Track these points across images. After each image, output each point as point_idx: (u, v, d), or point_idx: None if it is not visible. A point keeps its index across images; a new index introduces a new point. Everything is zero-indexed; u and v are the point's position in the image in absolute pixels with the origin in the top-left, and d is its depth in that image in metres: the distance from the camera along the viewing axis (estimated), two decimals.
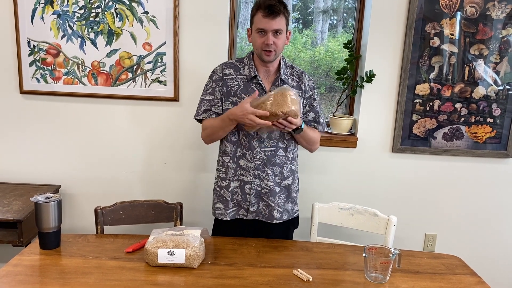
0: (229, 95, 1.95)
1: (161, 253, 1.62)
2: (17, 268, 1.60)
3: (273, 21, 1.82)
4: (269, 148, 1.96)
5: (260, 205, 2.01)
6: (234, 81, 1.96)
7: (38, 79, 2.51)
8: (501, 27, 2.45)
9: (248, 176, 1.97)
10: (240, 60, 2.02)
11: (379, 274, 1.61)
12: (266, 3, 1.81)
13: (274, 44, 1.85)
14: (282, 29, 1.85)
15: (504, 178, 2.66)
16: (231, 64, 2.01)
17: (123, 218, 2.13)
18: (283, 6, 1.84)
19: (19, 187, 2.57)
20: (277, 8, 1.81)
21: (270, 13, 1.81)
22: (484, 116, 2.56)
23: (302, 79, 2.01)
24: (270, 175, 1.97)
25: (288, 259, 1.74)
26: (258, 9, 1.84)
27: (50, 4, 2.42)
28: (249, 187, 1.98)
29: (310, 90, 2.03)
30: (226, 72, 1.97)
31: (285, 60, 2.01)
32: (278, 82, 1.95)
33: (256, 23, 1.86)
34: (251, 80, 1.95)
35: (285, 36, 1.90)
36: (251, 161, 1.96)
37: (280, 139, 1.97)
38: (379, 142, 2.61)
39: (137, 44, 2.47)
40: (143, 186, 2.66)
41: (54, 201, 1.73)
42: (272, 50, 1.86)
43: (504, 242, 2.75)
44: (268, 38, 1.83)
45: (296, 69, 2.03)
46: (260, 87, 1.94)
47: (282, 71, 1.96)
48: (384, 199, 2.66)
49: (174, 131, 2.59)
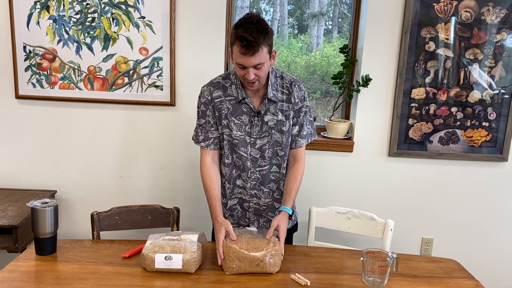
0: (221, 119, 1.87)
1: (158, 258, 1.61)
2: (13, 274, 1.58)
3: (252, 57, 1.64)
4: (263, 168, 1.91)
5: (261, 222, 1.99)
6: (223, 104, 1.86)
7: (34, 84, 2.50)
8: (496, 31, 2.47)
9: (245, 195, 1.94)
10: (227, 77, 1.88)
11: (377, 278, 1.61)
12: (242, 37, 1.61)
13: (256, 75, 1.70)
14: (264, 61, 1.68)
15: (499, 182, 2.67)
16: (218, 84, 1.88)
17: (120, 223, 2.11)
18: (262, 36, 1.63)
19: (15, 192, 2.55)
20: (255, 44, 1.62)
21: (248, 50, 1.62)
22: (480, 120, 2.57)
23: (292, 91, 1.86)
24: (267, 192, 1.95)
25: (285, 263, 1.74)
26: (236, 40, 1.64)
27: (46, 9, 2.42)
28: (247, 205, 1.96)
29: (300, 101, 1.88)
30: (215, 94, 1.86)
31: (274, 71, 1.87)
32: (265, 100, 1.84)
33: (235, 56, 1.68)
34: (240, 102, 1.85)
35: (269, 63, 1.73)
36: (246, 182, 1.92)
37: (273, 156, 1.91)
38: (376, 146, 2.61)
39: (133, 49, 2.47)
40: (139, 191, 2.65)
41: (51, 206, 1.72)
42: (254, 82, 1.73)
43: (501, 245, 2.76)
44: (249, 74, 1.69)
45: (286, 80, 1.88)
46: (249, 108, 1.85)
47: (270, 88, 1.83)
48: (381, 203, 2.67)
49: (171, 135, 2.58)
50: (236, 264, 1.63)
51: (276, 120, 1.86)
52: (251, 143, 1.87)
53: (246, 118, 1.85)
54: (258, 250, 1.64)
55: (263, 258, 1.63)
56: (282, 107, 1.86)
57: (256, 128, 1.86)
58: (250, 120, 1.85)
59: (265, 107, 1.84)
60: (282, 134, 1.87)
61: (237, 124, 1.85)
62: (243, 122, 1.86)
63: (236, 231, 1.73)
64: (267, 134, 1.87)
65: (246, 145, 1.87)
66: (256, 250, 1.64)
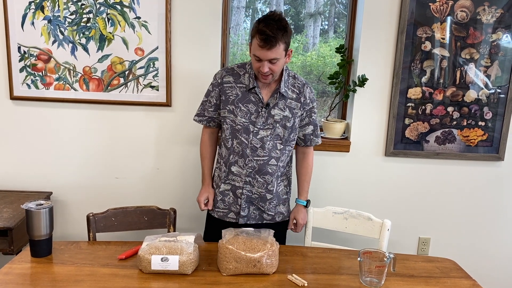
0: (227, 103, 1.97)
1: (154, 259, 1.60)
2: (8, 276, 1.57)
3: (268, 51, 1.76)
4: (261, 158, 1.97)
5: (251, 209, 2.04)
6: (232, 90, 1.96)
7: (29, 85, 2.49)
8: (491, 31, 2.47)
9: (239, 181, 2.00)
10: (242, 66, 2.00)
11: (374, 278, 1.61)
12: (263, 31, 1.73)
13: (270, 69, 1.82)
14: (279, 57, 1.80)
15: (496, 181, 2.68)
16: (232, 70, 2.00)
17: (116, 224, 2.10)
18: (281, 33, 1.76)
19: (10, 194, 2.53)
20: (273, 39, 1.73)
21: (265, 44, 1.74)
22: (476, 119, 2.57)
23: (303, 91, 1.99)
24: (261, 182, 1.99)
25: (282, 264, 1.73)
26: (256, 33, 1.77)
27: (40, 10, 2.40)
28: (240, 192, 2.00)
29: (311, 102, 2.02)
30: (225, 79, 1.98)
31: (288, 70, 1.99)
32: (277, 94, 1.94)
33: (253, 48, 1.81)
34: (250, 90, 1.95)
35: (284, 60, 1.85)
36: (243, 168, 1.98)
37: (273, 149, 1.98)
38: (372, 146, 2.61)
39: (129, 49, 2.46)
40: (135, 192, 2.64)
41: (46, 208, 1.71)
42: (268, 75, 1.84)
43: (498, 244, 2.76)
44: (264, 66, 1.80)
45: (299, 80, 2.00)
46: (258, 98, 1.94)
47: (283, 84, 1.94)
48: (377, 203, 2.67)
49: (167, 136, 2.57)
50: (233, 265, 1.63)
51: (283, 115, 1.95)
52: (254, 132, 1.95)
53: (252, 108, 1.95)
54: (255, 251, 1.64)
55: (260, 259, 1.62)
56: (290, 104, 1.97)
57: (261, 119, 1.94)
58: (257, 110, 1.94)
59: (274, 101, 1.94)
60: (285, 129, 1.97)
61: (243, 111, 1.95)
62: (249, 111, 1.95)
63: (232, 232, 1.74)
64: (271, 126, 1.95)
65: (249, 133, 1.95)
66: (253, 251, 1.64)
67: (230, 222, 2.04)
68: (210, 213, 2.12)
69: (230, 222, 2.04)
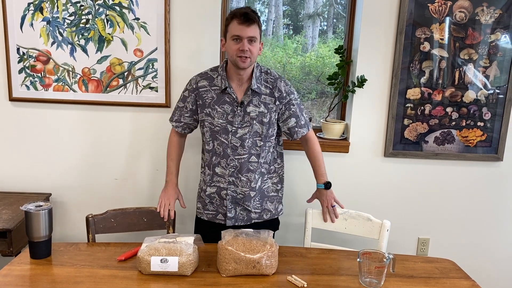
0: (204, 107, 2.03)
1: (154, 261, 1.60)
2: (7, 278, 1.57)
3: (248, 28, 1.86)
4: (242, 156, 2.01)
5: (238, 210, 2.07)
6: (208, 93, 2.02)
7: (28, 86, 2.49)
8: (490, 31, 2.48)
9: (224, 182, 2.04)
10: (215, 69, 2.06)
11: (373, 279, 1.61)
12: (241, 11, 1.87)
13: (249, 50, 1.88)
14: (257, 37, 1.90)
15: (495, 181, 2.68)
16: (206, 74, 2.06)
17: (115, 226, 2.10)
18: (257, 16, 1.90)
19: (9, 195, 2.53)
20: (252, 16, 1.86)
21: (245, 20, 1.85)
22: (475, 120, 2.58)
23: (277, 85, 2.02)
24: (244, 181, 2.03)
25: (282, 265, 1.73)
26: (233, 17, 1.89)
27: (39, 11, 2.40)
28: (225, 193, 2.04)
29: (287, 95, 2.04)
30: (200, 84, 2.04)
31: (259, 67, 2.04)
32: (249, 92, 1.98)
33: (231, 31, 1.89)
34: (223, 91, 1.99)
35: (258, 46, 1.94)
36: (225, 168, 2.03)
37: (253, 146, 2.02)
38: (371, 146, 2.61)
39: (128, 51, 2.46)
40: (135, 193, 2.64)
41: (45, 210, 1.71)
42: (247, 56, 1.89)
43: (497, 244, 2.76)
44: (244, 44, 1.87)
45: (272, 75, 2.04)
46: (232, 97, 1.98)
47: (255, 80, 1.99)
48: (377, 203, 2.67)
49: (166, 137, 2.55)
50: (232, 266, 1.63)
51: (258, 111, 2.00)
52: (233, 131, 1.99)
53: (228, 108, 1.99)
54: (255, 252, 1.64)
55: (260, 260, 1.62)
56: (265, 100, 2.01)
57: (238, 118, 1.99)
58: (233, 109, 1.99)
59: (248, 98, 1.99)
60: (262, 125, 2.01)
61: (220, 112, 2.00)
62: (225, 111, 1.99)
63: (232, 233, 1.74)
64: (249, 124, 1.99)
65: (228, 133, 1.99)
66: (252, 252, 1.64)
67: (220, 224, 2.07)
68: (198, 216, 2.17)
69: (219, 224, 2.07)
